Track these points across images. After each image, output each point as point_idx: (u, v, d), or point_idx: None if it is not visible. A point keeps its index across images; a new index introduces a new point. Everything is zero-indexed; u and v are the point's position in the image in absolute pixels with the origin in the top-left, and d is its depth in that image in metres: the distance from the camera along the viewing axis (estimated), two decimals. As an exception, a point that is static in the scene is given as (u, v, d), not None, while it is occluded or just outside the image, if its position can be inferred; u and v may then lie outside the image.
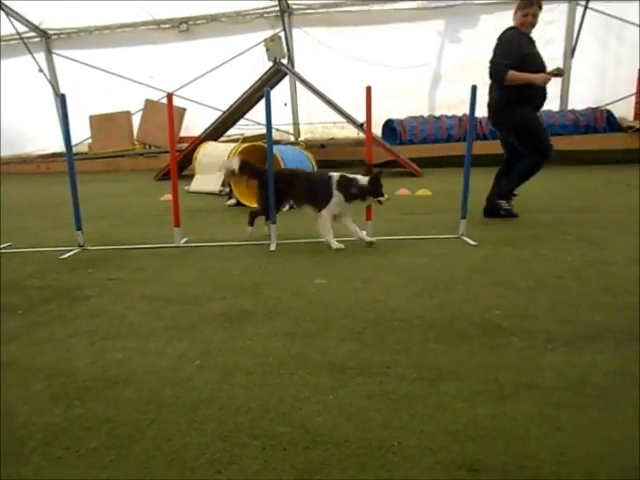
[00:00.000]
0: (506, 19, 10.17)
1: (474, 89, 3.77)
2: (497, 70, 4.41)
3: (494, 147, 9.23)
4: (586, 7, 9.29)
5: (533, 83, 4.32)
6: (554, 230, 4.17)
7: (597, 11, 9.42)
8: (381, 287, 2.90)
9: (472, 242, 3.87)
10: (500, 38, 4.60)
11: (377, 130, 10.16)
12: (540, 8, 4.52)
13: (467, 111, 3.91)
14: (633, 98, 9.41)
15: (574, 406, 1.64)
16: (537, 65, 4.44)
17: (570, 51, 9.70)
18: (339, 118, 8.87)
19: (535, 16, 4.52)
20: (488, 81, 4.60)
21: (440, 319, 2.41)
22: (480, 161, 8.80)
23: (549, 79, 4.38)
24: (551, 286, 2.83)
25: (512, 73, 4.31)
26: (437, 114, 10.22)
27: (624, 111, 9.45)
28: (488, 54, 10.53)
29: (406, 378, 1.85)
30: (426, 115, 10.19)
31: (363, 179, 3.80)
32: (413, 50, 10.65)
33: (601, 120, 9.06)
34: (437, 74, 10.86)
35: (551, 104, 9.83)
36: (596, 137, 8.97)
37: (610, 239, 3.80)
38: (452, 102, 10.09)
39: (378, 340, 2.19)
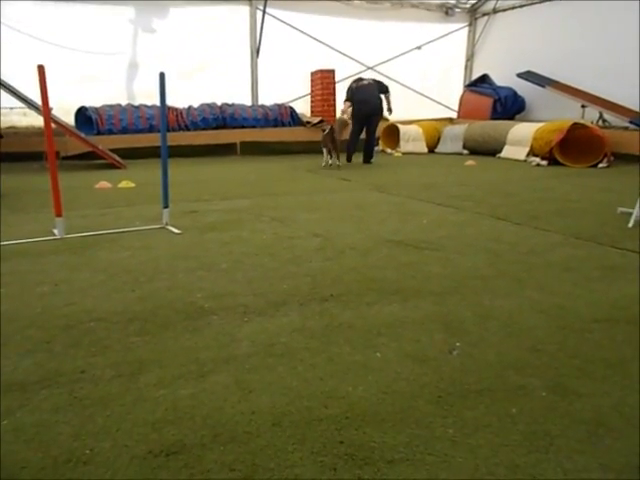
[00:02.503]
0: (195, 14, 10.41)
1: (162, 76, 3.72)
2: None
3: (198, 138, 9.52)
4: (264, 12, 10.27)
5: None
6: (252, 213, 4.52)
7: (274, 17, 10.54)
8: (76, 288, 2.63)
9: (177, 230, 3.87)
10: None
11: (70, 119, 9.16)
12: None
13: (171, 102, 3.86)
14: (309, 97, 10.94)
15: (264, 367, 1.81)
16: None
17: (255, 51, 10.61)
18: (18, 103, 7.62)
19: None
20: (184, 72, 4.74)
21: (142, 311, 2.33)
22: (184, 152, 8.96)
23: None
24: (248, 264, 3.05)
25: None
26: (137, 103, 9.81)
27: (303, 108, 10.92)
28: (180, 45, 10.49)
29: (103, 379, 1.72)
30: (124, 104, 9.68)
31: None
32: (104, 35, 9.90)
33: (286, 115, 10.24)
34: (133, 62, 10.39)
35: (244, 99, 10.62)
36: (283, 130, 10.11)
37: (295, 217, 4.34)
38: (151, 92, 9.83)
39: (71, 346, 1.98)
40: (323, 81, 10.53)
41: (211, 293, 2.55)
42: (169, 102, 8.67)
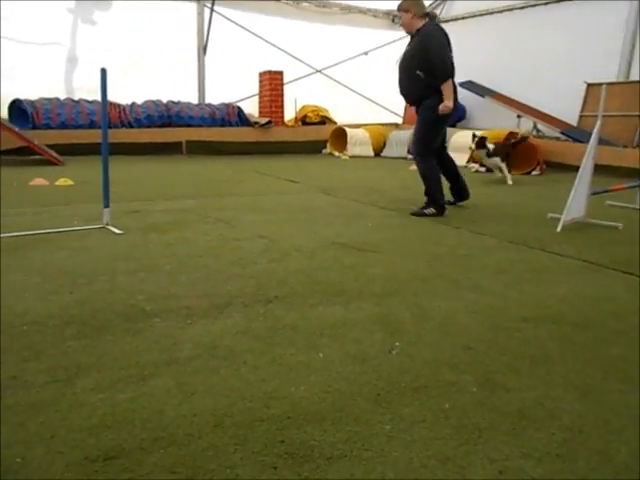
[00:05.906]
0: (140, 8, 10.10)
1: (104, 72, 3.62)
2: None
3: (142, 135, 9.25)
4: (212, 10, 10.15)
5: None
6: (197, 214, 4.47)
7: (223, 16, 10.43)
8: (7, 290, 2.51)
9: (118, 231, 3.77)
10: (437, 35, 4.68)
11: (2, 112, 8.69)
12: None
13: (113, 98, 3.75)
14: (257, 97, 10.90)
15: (207, 369, 1.81)
16: None
17: (203, 49, 10.45)
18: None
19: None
20: (127, 68, 4.60)
21: (80, 314, 2.26)
22: (127, 149, 8.69)
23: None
24: (192, 265, 3.02)
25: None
26: (76, 98, 9.43)
27: (251, 108, 10.86)
28: (123, 40, 10.13)
29: (36, 385, 1.67)
30: (63, 98, 9.27)
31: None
32: (39, 25, 9.44)
33: (233, 115, 10.16)
34: (72, 55, 9.96)
35: (191, 98, 10.44)
36: (231, 130, 10.03)
37: (241, 219, 4.33)
38: (92, 87, 9.46)
39: (1, 351, 1.89)
40: (272, 82, 10.53)
41: (153, 295, 2.51)
42: (111, 98, 8.36)
